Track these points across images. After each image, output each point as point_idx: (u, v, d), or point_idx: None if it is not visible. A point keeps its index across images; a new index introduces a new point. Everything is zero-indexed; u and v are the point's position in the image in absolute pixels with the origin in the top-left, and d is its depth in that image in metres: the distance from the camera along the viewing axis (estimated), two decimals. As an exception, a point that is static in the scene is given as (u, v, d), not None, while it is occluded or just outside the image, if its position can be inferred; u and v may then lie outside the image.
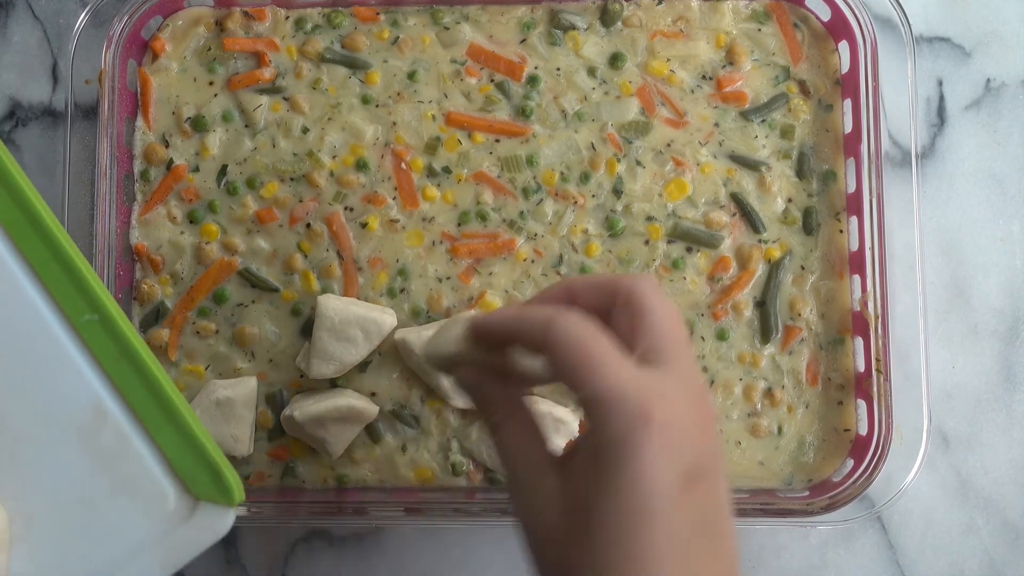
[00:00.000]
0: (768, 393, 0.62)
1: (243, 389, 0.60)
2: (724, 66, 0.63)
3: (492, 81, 0.63)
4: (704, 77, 0.63)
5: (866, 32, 0.61)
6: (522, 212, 0.62)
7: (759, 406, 0.62)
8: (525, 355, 0.43)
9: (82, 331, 0.50)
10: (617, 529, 0.38)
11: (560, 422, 0.59)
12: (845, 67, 0.63)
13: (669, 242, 0.62)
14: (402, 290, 0.62)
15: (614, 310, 0.43)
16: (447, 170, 0.62)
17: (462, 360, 0.45)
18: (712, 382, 0.62)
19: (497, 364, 0.44)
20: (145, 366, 0.50)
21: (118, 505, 0.50)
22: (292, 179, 0.62)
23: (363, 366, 0.61)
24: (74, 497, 0.50)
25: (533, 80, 0.63)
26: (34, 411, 0.50)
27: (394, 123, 0.63)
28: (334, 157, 0.63)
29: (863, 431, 0.61)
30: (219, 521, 0.50)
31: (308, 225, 0.62)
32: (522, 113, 0.62)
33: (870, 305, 0.60)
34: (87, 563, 0.50)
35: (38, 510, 0.50)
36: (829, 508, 0.59)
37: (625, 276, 0.43)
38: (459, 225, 0.62)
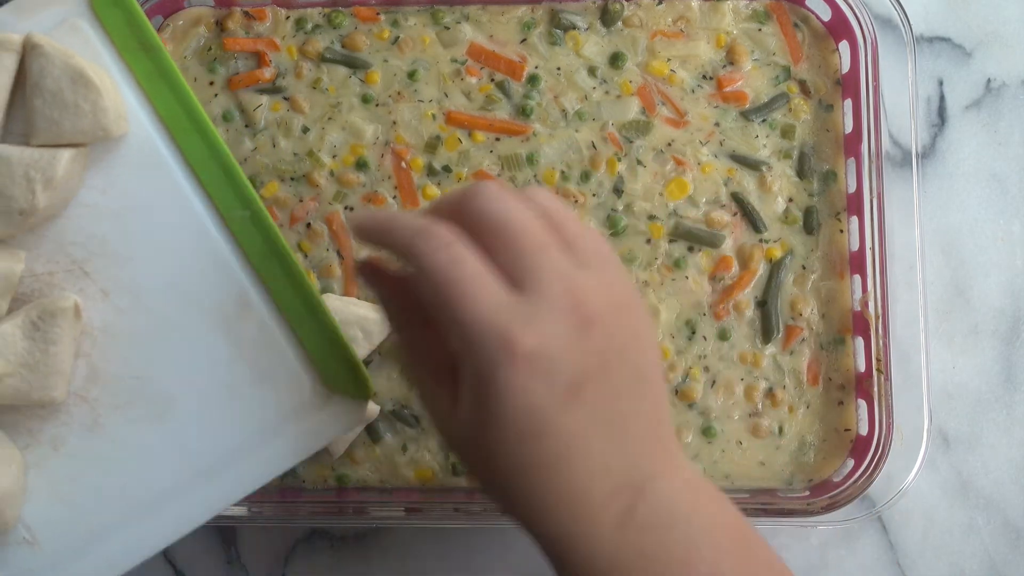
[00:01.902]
0: (769, 393, 0.62)
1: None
2: (725, 66, 0.63)
3: (492, 80, 0.63)
4: (705, 77, 0.63)
5: (866, 32, 0.61)
6: (522, 211, 0.62)
7: (760, 406, 0.62)
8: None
9: (232, 226, 0.53)
10: (507, 447, 0.40)
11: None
12: (845, 67, 0.63)
13: (671, 241, 0.62)
14: (402, 290, 0.62)
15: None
16: (447, 169, 0.62)
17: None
18: (714, 382, 0.62)
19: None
20: (290, 261, 0.52)
21: (257, 392, 0.52)
22: (292, 179, 0.62)
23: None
24: (216, 382, 0.52)
25: (533, 79, 0.63)
26: (184, 299, 0.52)
27: (394, 122, 0.63)
28: (334, 156, 0.63)
29: (864, 431, 0.61)
30: (351, 413, 0.52)
31: (308, 225, 0.62)
32: (522, 112, 0.63)
33: (870, 305, 0.60)
34: (222, 445, 0.52)
35: (181, 392, 0.52)
36: (829, 508, 0.59)
37: (465, 193, 0.42)
38: (459, 225, 0.62)
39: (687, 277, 0.62)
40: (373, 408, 0.60)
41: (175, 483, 0.52)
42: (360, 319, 0.59)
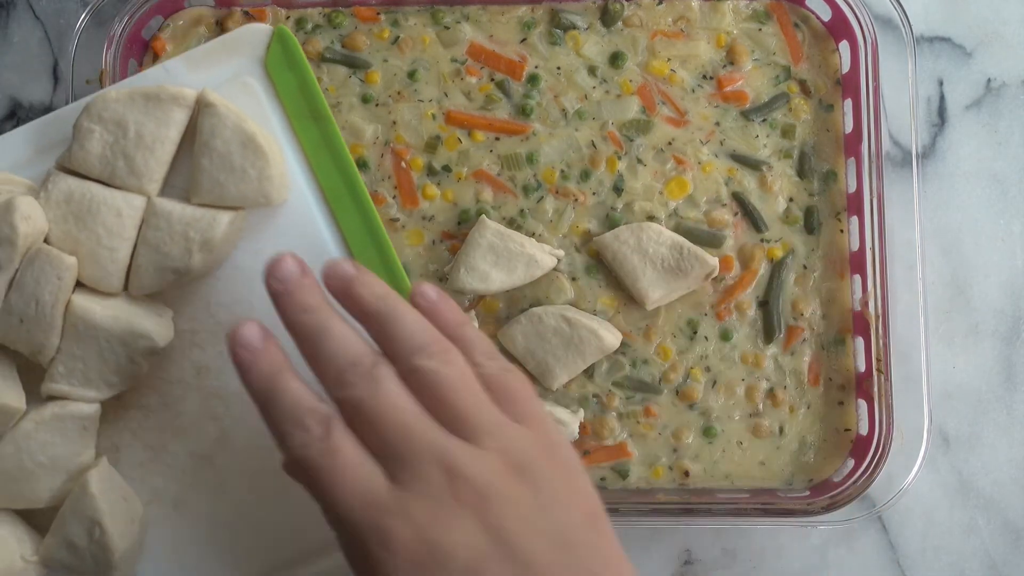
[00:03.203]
0: (770, 393, 0.62)
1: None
2: (725, 66, 0.63)
3: (492, 80, 0.63)
4: (705, 77, 0.63)
5: (867, 32, 0.61)
6: (522, 210, 0.62)
7: (761, 406, 0.62)
8: None
9: None
10: None
11: (560, 423, 0.59)
12: (846, 67, 0.63)
13: (670, 241, 0.62)
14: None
15: None
16: (447, 169, 0.62)
17: None
18: (715, 383, 0.62)
19: None
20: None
21: None
22: (292, 178, 0.62)
23: (363, 366, 0.61)
24: None
25: (533, 79, 0.63)
26: None
27: (394, 122, 0.63)
28: (334, 156, 0.63)
29: (864, 431, 0.61)
30: None
31: (308, 224, 0.62)
32: (522, 112, 0.62)
33: (871, 305, 0.60)
34: None
35: None
36: (830, 508, 0.59)
37: (341, 377, 0.40)
38: (459, 224, 0.62)
39: (687, 277, 0.62)
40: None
41: (288, 557, 0.51)
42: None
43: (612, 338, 0.60)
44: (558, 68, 0.63)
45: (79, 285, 0.49)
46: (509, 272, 0.59)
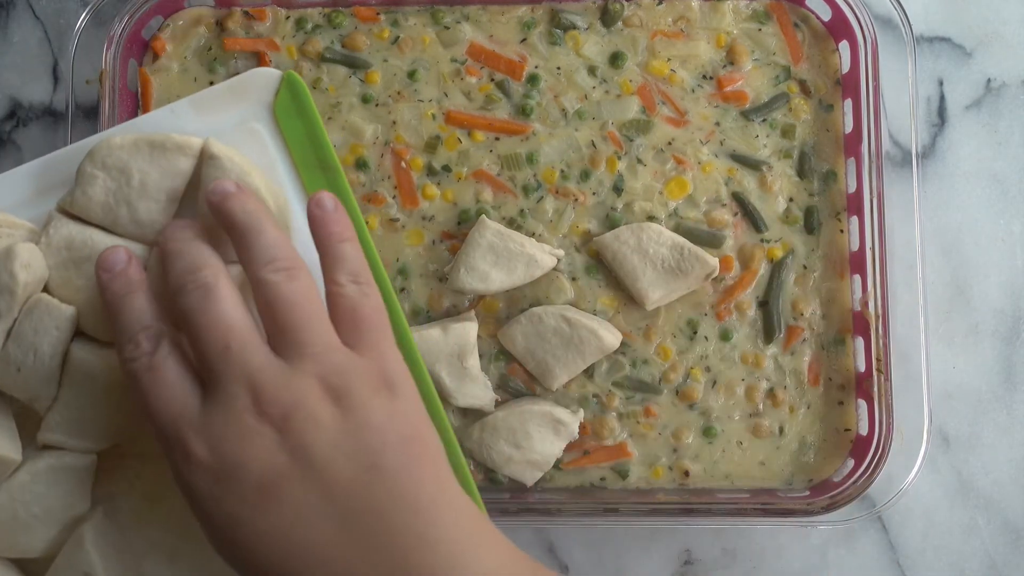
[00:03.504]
0: (770, 393, 0.62)
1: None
2: (725, 66, 0.63)
3: (492, 80, 0.63)
4: (705, 77, 0.63)
5: (867, 32, 0.61)
6: (522, 210, 0.62)
7: (761, 406, 0.62)
8: None
9: None
10: (228, 553, 0.41)
11: (559, 423, 0.59)
12: (846, 67, 0.63)
13: (670, 241, 0.62)
14: (402, 289, 0.62)
15: None
16: (447, 168, 0.62)
17: None
18: (715, 383, 0.62)
19: None
20: (439, 413, 0.49)
21: None
22: (292, 178, 0.62)
23: (363, 366, 0.61)
24: None
25: (533, 79, 0.63)
26: None
27: (394, 122, 0.63)
28: (334, 156, 0.63)
29: (864, 431, 0.61)
30: None
31: (308, 224, 0.62)
32: (522, 112, 0.62)
33: (871, 305, 0.60)
34: None
35: None
36: (830, 508, 0.59)
37: (178, 296, 0.42)
38: (459, 224, 0.62)
39: (687, 277, 0.62)
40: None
41: None
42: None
43: (612, 338, 0.60)
44: (558, 68, 0.63)
45: (79, 333, 0.48)
46: (509, 272, 0.59)
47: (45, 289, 0.48)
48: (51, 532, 0.48)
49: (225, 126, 0.51)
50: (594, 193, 0.62)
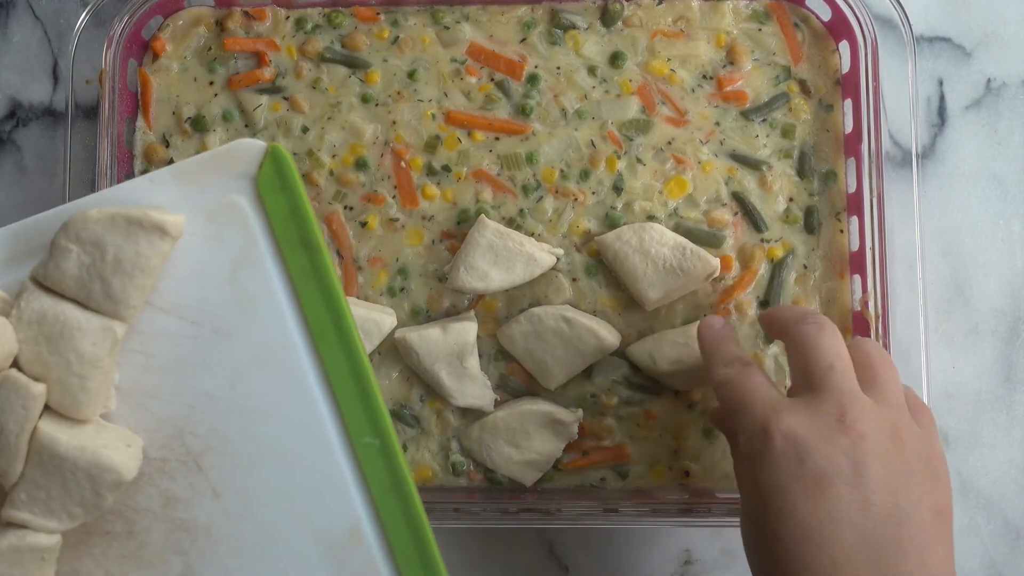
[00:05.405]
0: (769, 393, 0.62)
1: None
2: (725, 66, 0.63)
3: (492, 80, 0.63)
4: (705, 76, 0.63)
5: (866, 32, 0.61)
6: (522, 210, 0.62)
7: (760, 406, 0.61)
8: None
9: (359, 451, 0.49)
10: (756, 513, 0.48)
11: (559, 423, 0.59)
12: (846, 67, 0.63)
13: (670, 241, 0.62)
14: (402, 289, 0.62)
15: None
16: (447, 168, 0.62)
17: None
18: (713, 382, 0.62)
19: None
20: (412, 502, 0.49)
21: None
22: (292, 178, 0.62)
23: (363, 365, 0.61)
24: None
25: (533, 79, 0.63)
26: (294, 515, 0.50)
27: (394, 122, 0.63)
28: (334, 156, 0.63)
29: (864, 431, 0.61)
30: None
31: (308, 224, 0.62)
32: (522, 112, 0.63)
33: (871, 305, 0.60)
34: None
35: None
36: (830, 508, 0.59)
37: (798, 324, 0.51)
38: (459, 223, 0.62)
39: (687, 277, 0.62)
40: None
41: None
42: (360, 319, 0.59)
43: (612, 338, 0.60)
44: (558, 68, 0.63)
45: (48, 409, 0.47)
46: (508, 271, 0.59)
47: (14, 363, 0.47)
48: None
49: (206, 198, 0.50)
50: (594, 193, 0.62)
